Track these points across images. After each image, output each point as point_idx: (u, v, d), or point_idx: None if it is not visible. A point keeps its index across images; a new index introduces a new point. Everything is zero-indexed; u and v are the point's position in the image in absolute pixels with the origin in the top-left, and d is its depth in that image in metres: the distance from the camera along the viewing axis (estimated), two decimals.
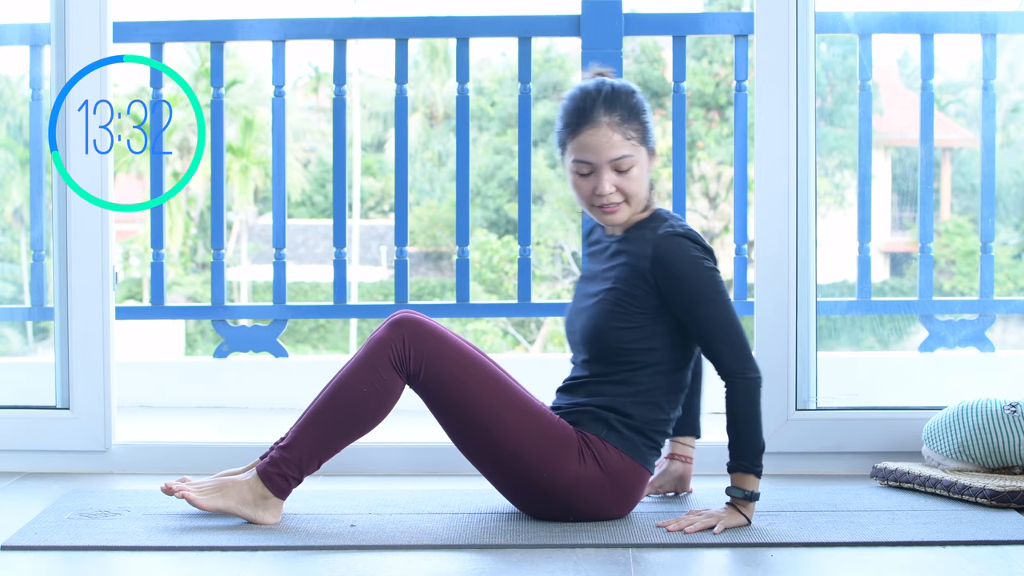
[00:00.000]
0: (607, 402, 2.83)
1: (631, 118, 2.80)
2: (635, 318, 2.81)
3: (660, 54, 21.91)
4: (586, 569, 2.51)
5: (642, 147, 2.82)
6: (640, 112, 2.82)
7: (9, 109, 5.31)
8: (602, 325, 2.83)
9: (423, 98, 24.80)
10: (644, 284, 2.81)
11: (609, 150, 2.78)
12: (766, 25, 3.41)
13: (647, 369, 2.83)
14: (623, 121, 2.79)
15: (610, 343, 2.83)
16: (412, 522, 2.86)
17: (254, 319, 4.60)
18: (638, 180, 2.81)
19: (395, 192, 4.13)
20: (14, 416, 3.49)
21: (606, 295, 2.84)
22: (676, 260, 2.77)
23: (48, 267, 4.05)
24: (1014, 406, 3.16)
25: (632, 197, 2.82)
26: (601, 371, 2.86)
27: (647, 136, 2.83)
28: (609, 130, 2.78)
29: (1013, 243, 18.87)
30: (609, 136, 2.78)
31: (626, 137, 2.79)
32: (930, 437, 3.25)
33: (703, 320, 2.77)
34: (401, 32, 4.09)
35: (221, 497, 2.83)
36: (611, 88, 2.81)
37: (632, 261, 2.82)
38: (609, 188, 2.79)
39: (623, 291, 2.82)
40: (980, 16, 4.03)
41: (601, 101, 2.79)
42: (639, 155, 2.81)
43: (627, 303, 2.82)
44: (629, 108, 2.80)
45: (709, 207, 22.04)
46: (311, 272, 23.62)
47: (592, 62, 3.08)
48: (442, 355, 2.78)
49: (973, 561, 2.56)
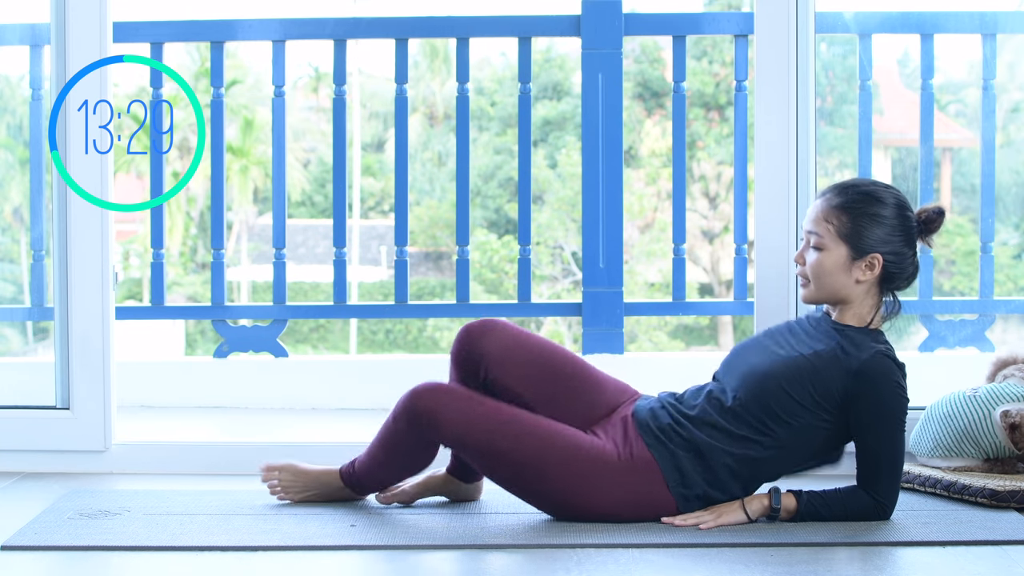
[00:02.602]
0: (707, 446, 2.81)
1: (844, 211, 2.82)
2: (806, 398, 2.80)
3: (660, 54, 21.90)
4: (586, 569, 2.51)
5: (841, 242, 2.82)
6: (859, 215, 2.82)
7: (9, 109, 5.31)
8: (778, 376, 2.81)
9: (423, 98, 24.79)
10: (838, 381, 2.79)
11: (810, 222, 2.86)
12: (766, 25, 3.41)
13: (770, 444, 2.81)
14: (837, 207, 2.83)
15: (768, 398, 2.80)
16: (412, 522, 2.86)
17: (254, 319, 4.60)
18: (824, 268, 2.83)
19: (395, 192, 4.13)
20: (14, 416, 3.49)
21: (800, 359, 2.82)
22: (882, 378, 2.78)
23: (48, 267, 4.05)
24: (975, 390, 3.19)
25: (813, 280, 2.85)
26: (734, 415, 2.83)
27: (853, 236, 2.82)
28: (822, 206, 2.85)
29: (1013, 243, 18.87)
30: (817, 210, 2.85)
31: (827, 220, 2.83)
32: (913, 442, 3.30)
33: (881, 437, 2.78)
34: (401, 32, 4.09)
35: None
36: (864, 184, 2.86)
37: (841, 355, 2.81)
38: (799, 259, 2.88)
39: (816, 368, 2.80)
40: (980, 16, 4.03)
41: (844, 185, 2.86)
42: (834, 246, 2.82)
43: (811, 380, 2.80)
44: (852, 206, 2.82)
45: (709, 207, 22.02)
46: (311, 272, 23.61)
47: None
48: (459, 423, 2.79)
49: (973, 561, 2.56)
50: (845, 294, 2.85)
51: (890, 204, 2.83)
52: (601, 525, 2.80)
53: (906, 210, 2.85)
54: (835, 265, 2.83)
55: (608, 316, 3.95)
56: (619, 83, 3.94)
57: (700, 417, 2.84)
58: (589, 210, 3.95)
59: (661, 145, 21.54)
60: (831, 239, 2.82)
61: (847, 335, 2.84)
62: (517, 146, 4.39)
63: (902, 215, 2.84)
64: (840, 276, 2.83)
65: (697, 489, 2.81)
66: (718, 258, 22.00)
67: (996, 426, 3.12)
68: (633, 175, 21.43)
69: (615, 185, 3.95)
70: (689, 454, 2.81)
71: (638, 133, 21.84)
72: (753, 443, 2.81)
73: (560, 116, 22.18)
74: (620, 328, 4.00)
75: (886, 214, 2.82)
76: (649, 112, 22.10)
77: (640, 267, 20.45)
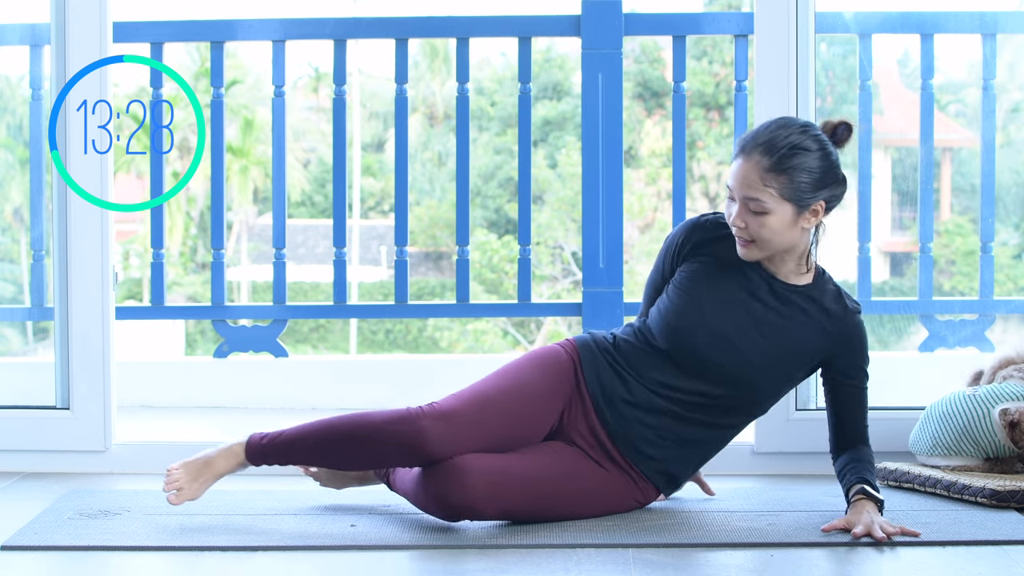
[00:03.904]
0: (698, 442, 2.91)
1: (781, 172, 2.76)
2: (798, 378, 2.93)
3: (660, 54, 21.91)
4: (586, 569, 2.51)
5: (784, 201, 2.77)
6: (795, 172, 2.76)
7: (9, 109, 5.31)
8: (792, 379, 2.91)
9: (423, 98, 24.80)
10: (820, 350, 2.88)
11: (745, 188, 2.78)
12: (766, 25, 3.41)
13: (748, 413, 2.95)
14: (771, 170, 2.76)
15: (759, 394, 2.90)
16: (412, 522, 2.85)
17: (254, 319, 4.60)
18: (771, 230, 2.79)
19: (395, 192, 4.13)
20: (14, 416, 3.49)
21: (798, 356, 2.88)
22: (861, 343, 2.89)
23: (48, 267, 4.05)
24: (975, 389, 3.21)
25: (761, 243, 2.82)
26: (723, 409, 2.89)
27: (795, 194, 2.77)
28: (753, 170, 2.77)
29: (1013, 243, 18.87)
30: (749, 175, 2.78)
31: (765, 184, 2.76)
32: (912, 440, 3.30)
33: (862, 391, 2.90)
34: (401, 32, 4.09)
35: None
36: (784, 136, 2.77)
37: (809, 324, 2.87)
38: (739, 223, 2.81)
39: (805, 351, 2.87)
40: (980, 16, 4.03)
41: (766, 141, 2.78)
42: (778, 207, 2.77)
43: (803, 365, 2.89)
44: (786, 165, 2.76)
45: (709, 207, 22.04)
46: (311, 272, 23.62)
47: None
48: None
49: (973, 561, 2.57)
50: (791, 245, 2.84)
51: (816, 150, 2.77)
52: (601, 525, 2.80)
53: (827, 146, 2.80)
54: (782, 224, 2.79)
55: (608, 316, 3.95)
56: (619, 83, 3.94)
57: (690, 416, 2.88)
58: (589, 210, 3.95)
59: (661, 145, 21.55)
60: (774, 202, 2.76)
61: (805, 296, 2.88)
62: (517, 146, 4.39)
63: (827, 154, 2.79)
64: (788, 232, 2.80)
65: (684, 478, 2.97)
66: None
67: (995, 425, 3.12)
68: (633, 175, 21.44)
69: (615, 185, 3.95)
70: (681, 451, 2.90)
71: (638, 133, 21.85)
72: (738, 424, 2.96)
73: (560, 116, 22.19)
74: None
75: (817, 163, 2.77)
76: (649, 112, 22.12)
77: (640, 267, 20.46)
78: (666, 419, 2.87)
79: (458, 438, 2.75)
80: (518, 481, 2.77)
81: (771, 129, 2.79)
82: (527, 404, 2.85)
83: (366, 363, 5.46)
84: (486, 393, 2.83)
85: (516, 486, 2.76)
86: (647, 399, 2.87)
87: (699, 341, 2.86)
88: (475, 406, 2.80)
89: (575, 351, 2.93)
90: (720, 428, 2.91)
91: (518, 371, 2.89)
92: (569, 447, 2.87)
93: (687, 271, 2.94)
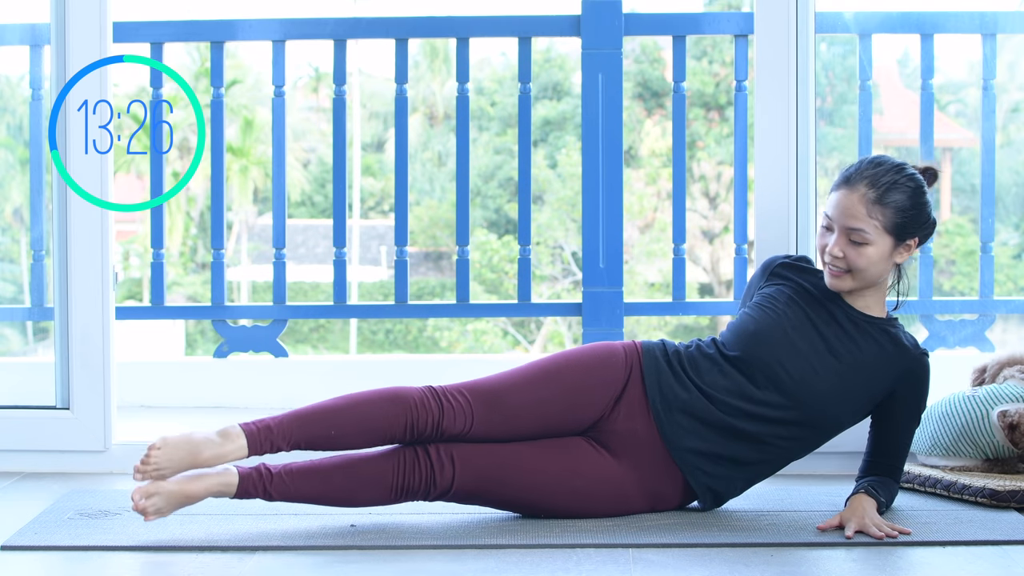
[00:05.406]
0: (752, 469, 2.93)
1: (885, 205, 2.84)
2: (860, 411, 2.95)
3: (660, 54, 21.90)
4: (586, 569, 2.51)
5: (886, 234, 2.85)
6: (898, 208, 2.85)
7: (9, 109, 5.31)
8: (856, 410, 2.93)
9: (423, 98, 24.79)
10: (887, 383, 2.91)
11: (849, 218, 2.85)
12: (766, 25, 3.41)
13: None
14: (877, 202, 2.84)
15: (837, 422, 2.93)
16: (412, 522, 2.86)
17: (254, 319, 4.60)
18: (869, 260, 2.86)
19: (395, 192, 4.13)
20: (14, 416, 3.49)
21: (866, 384, 2.90)
22: (924, 385, 2.94)
23: (48, 267, 4.05)
24: (975, 390, 3.22)
25: (856, 273, 2.88)
26: (787, 417, 2.90)
27: (897, 228, 2.85)
28: (860, 202, 2.84)
29: (1013, 243, 18.88)
30: (855, 206, 2.85)
31: (870, 216, 2.84)
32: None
33: (909, 434, 2.95)
34: (401, 32, 4.09)
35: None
36: (886, 172, 2.86)
37: (882, 356, 2.91)
38: (837, 251, 2.87)
39: (873, 380, 2.90)
40: (980, 16, 4.03)
41: (870, 175, 2.86)
42: (880, 239, 2.85)
43: (869, 394, 2.91)
44: (891, 200, 2.84)
45: (709, 207, 22.03)
46: (311, 272, 23.61)
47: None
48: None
49: (973, 561, 2.57)
50: (880, 277, 2.92)
51: (915, 188, 2.87)
52: (601, 525, 2.80)
53: (924, 186, 2.90)
54: (880, 255, 2.88)
55: (608, 316, 3.95)
56: (619, 83, 3.94)
57: (746, 429, 2.88)
58: (589, 210, 3.95)
59: (661, 145, 21.54)
60: (877, 234, 2.85)
61: (877, 329, 2.93)
62: (517, 146, 4.39)
63: (924, 193, 2.90)
64: (882, 264, 2.89)
65: (727, 496, 2.97)
66: (718, 258, 22.01)
67: (994, 426, 3.12)
68: (633, 175, 21.43)
69: (615, 185, 3.95)
70: (730, 469, 2.91)
71: (638, 133, 21.85)
72: (792, 449, 2.96)
73: (560, 116, 22.19)
74: (620, 328, 4.00)
75: (916, 200, 2.87)
76: (649, 112, 22.11)
77: (640, 267, 20.46)
78: (722, 433, 2.87)
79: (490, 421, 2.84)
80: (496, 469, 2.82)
81: (872, 165, 2.89)
82: (568, 395, 2.88)
83: (366, 363, 5.46)
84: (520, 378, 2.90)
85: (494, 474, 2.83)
86: (705, 409, 2.87)
87: (776, 349, 2.89)
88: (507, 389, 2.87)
89: (637, 353, 2.95)
90: (773, 449, 2.89)
91: (566, 362, 2.93)
92: (586, 444, 2.88)
93: (768, 291, 3.01)
